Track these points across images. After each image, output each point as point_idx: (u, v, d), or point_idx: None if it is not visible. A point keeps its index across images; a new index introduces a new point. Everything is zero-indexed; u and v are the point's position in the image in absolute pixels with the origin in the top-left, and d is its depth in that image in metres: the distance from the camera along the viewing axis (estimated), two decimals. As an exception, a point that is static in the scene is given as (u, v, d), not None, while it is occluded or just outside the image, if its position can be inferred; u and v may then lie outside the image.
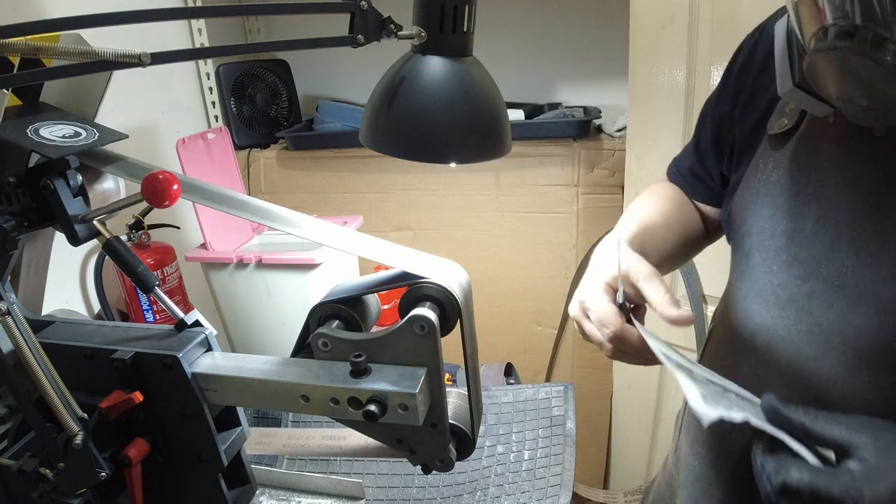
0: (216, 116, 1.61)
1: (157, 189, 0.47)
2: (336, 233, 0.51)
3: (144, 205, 0.49)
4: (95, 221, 0.54)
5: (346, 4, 0.47)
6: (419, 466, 0.54)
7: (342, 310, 0.50)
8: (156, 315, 1.19)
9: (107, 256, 0.93)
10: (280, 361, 0.51)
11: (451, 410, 0.52)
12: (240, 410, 0.56)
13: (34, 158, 0.53)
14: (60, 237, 0.56)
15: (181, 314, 0.53)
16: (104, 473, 0.50)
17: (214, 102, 1.60)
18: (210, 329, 0.54)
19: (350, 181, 1.61)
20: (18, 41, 0.40)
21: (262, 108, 1.70)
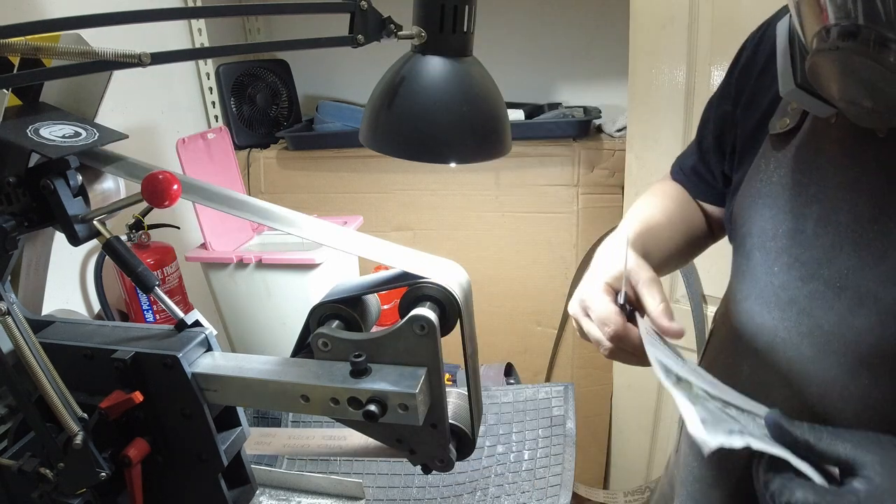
0: (216, 116, 1.61)
1: (157, 189, 0.47)
2: (336, 233, 0.51)
3: (144, 205, 0.49)
4: (95, 221, 0.54)
5: (346, 4, 0.47)
6: (419, 466, 0.54)
7: (342, 310, 0.50)
8: (156, 315, 1.19)
9: (107, 256, 0.93)
10: (280, 361, 0.51)
11: (451, 410, 0.52)
12: (240, 410, 0.56)
13: (34, 158, 0.53)
14: (60, 237, 0.56)
15: (181, 314, 0.53)
16: (104, 473, 0.50)
17: (214, 102, 1.60)
18: (210, 329, 0.54)
19: (350, 181, 1.61)
20: (18, 41, 0.39)
21: (262, 108, 1.70)
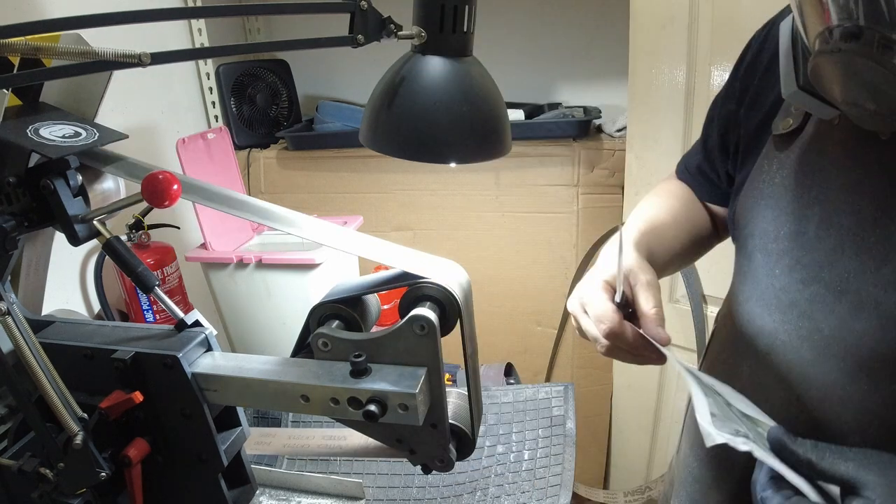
0: (216, 116, 1.61)
1: (157, 189, 0.47)
2: (336, 233, 0.51)
3: (144, 205, 0.49)
4: (95, 221, 0.54)
5: (346, 4, 0.47)
6: (419, 466, 0.54)
7: (342, 310, 0.50)
8: (156, 315, 1.19)
9: (107, 256, 0.93)
10: (280, 361, 0.50)
11: (451, 410, 0.52)
12: (240, 410, 0.56)
13: (34, 158, 0.53)
14: (60, 237, 0.56)
15: (181, 314, 0.53)
16: (104, 473, 0.50)
17: (214, 102, 1.60)
18: (210, 329, 0.54)
19: (350, 181, 1.61)
20: (18, 41, 0.39)
21: (262, 108, 1.70)
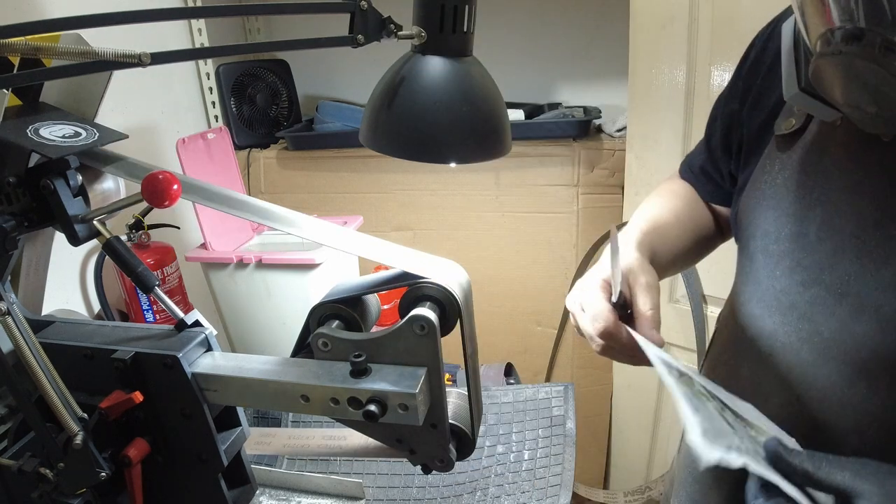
0: (216, 116, 1.61)
1: (157, 189, 0.47)
2: (336, 233, 0.51)
3: (144, 205, 0.49)
4: (95, 221, 0.54)
5: (346, 4, 0.47)
6: (419, 466, 0.54)
7: (342, 310, 0.50)
8: (156, 315, 1.19)
9: (107, 256, 0.93)
10: (280, 361, 0.51)
11: (451, 410, 0.52)
12: (240, 410, 0.56)
13: (34, 158, 0.53)
14: (60, 237, 0.56)
15: (181, 314, 0.53)
16: (104, 473, 0.50)
17: (214, 102, 1.60)
18: (210, 329, 0.54)
19: (350, 181, 1.61)
20: (18, 41, 0.39)
21: (262, 108, 1.70)
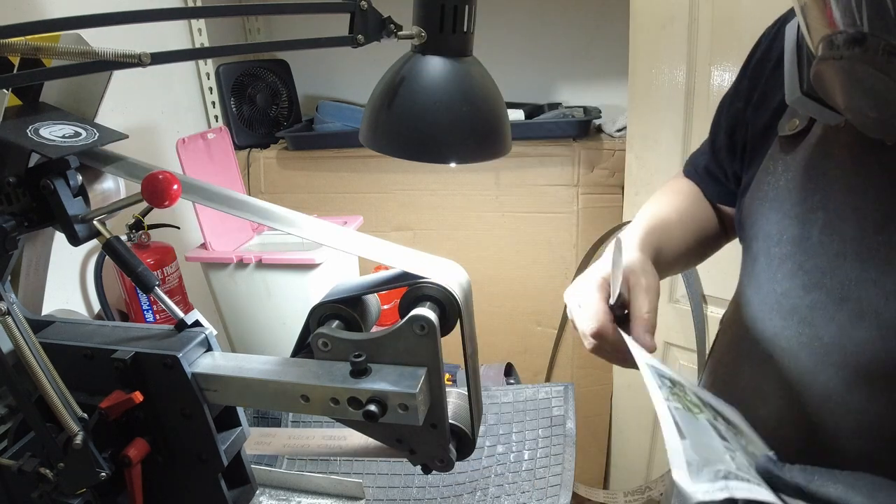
0: (216, 116, 1.61)
1: (157, 189, 0.47)
2: (336, 233, 0.51)
3: (144, 205, 0.49)
4: (95, 221, 0.54)
5: (346, 4, 0.47)
6: (419, 466, 0.54)
7: (342, 310, 0.50)
8: (156, 315, 1.19)
9: (107, 256, 0.93)
10: (280, 361, 0.50)
11: (451, 410, 0.52)
12: (240, 410, 0.56)
13: (34, 158, 0.53)
14: (60, 237, 0.56)
15: (181, 314, 0.53)
16: (104, 473, 0.50)
17: (214, 102, 1.60)
18: (210, 329, 0.54)
19: (350, 181, 1.61)
20: (18, 41, 0.39)
21: (262, 108, 1.70)
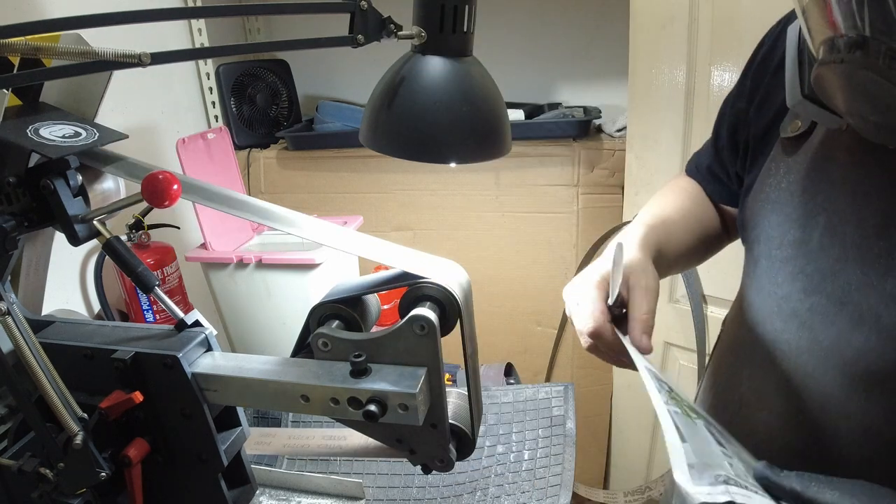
0: (216, 116, 1.61)
1: (157, 189, 0.47)
2: (336, 233, 0.51)
3: (144, 205, 0.49)
4: (95, 221, 0.54)
5: (346, 4, 0.47)
6: (419, 466, 0.54)
7: (342, 310, 0.50)
8: (156, 315, 1.19)
9: (107, 256, 0.93)
10: (280, 361, 0.50)
11: (451, 410, 0.52)
12: (240, 410, 0.56)
13: (34, 158, 0.53)
14: (60, 237, 0.56)
15: (181, 314, 0.53)
16: (104, 473, 0.50)
17: (214, 102, 1.60)
18: (210, 329, 0.54)
19: (350, 181, 1.61)
20: (18, 41, 0.39)
21: (262, 108, 1.70)
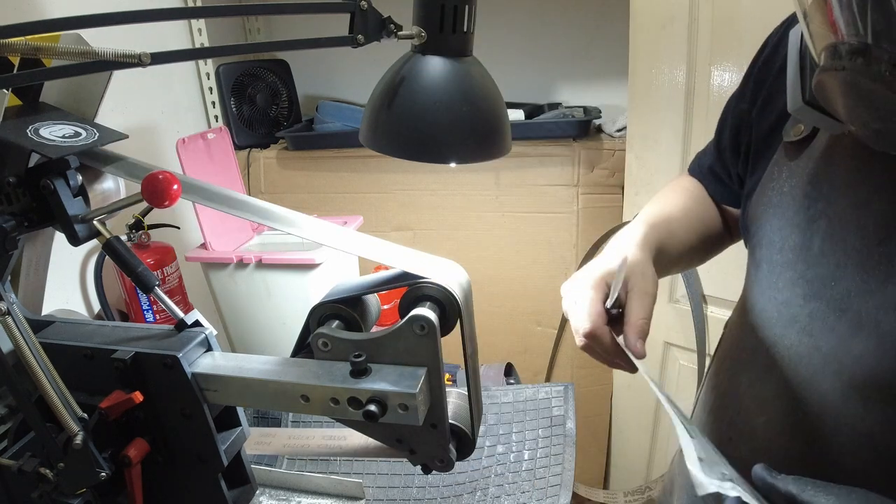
0: (216, 116, 1.61)
1: (157, 189, 0.47)
2: (336, 233, 0.51)
3: (144, 205, 0.49)
4: (95, 221, 0.54)
5: (346, 4, 0.47)
6: (419, 466, 0.54)
7: (342, 310, 0.50)
8: (156, 315, 1.19)
9: (107, 256, 0.93)
10: (280, 361, 0.50)
11: (451, 410, 0.52)
12: (240, 410, 0.56)
13: (34, 158, 0.53)
14: (60, 237, 0.56)
15: (181, 314, 0.53)
16: (104, 473, 0.50)
17: (214, 102, 1.60)
18: (210, 329, 0.54)
19: (350, 181, 1.61)
20: (18, 41, 0.39)
21: (262, 108, 1.70)
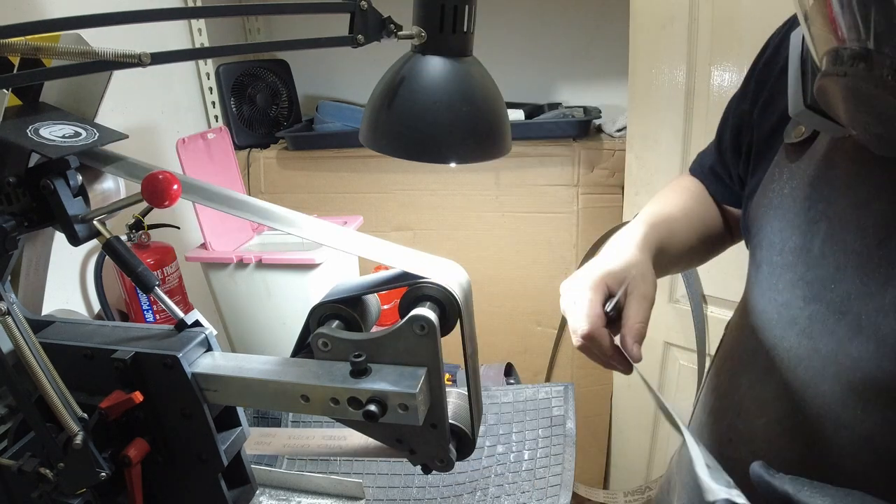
0: (216, 116, 1.61)
1: (157, 189, 0.47)
2: (336, 233, 0.51)
3: (144, 205, 0.49)
4: (95, 221, 0.54)
5: (346, 4, 0.47)
6: (419, 466, 0.54)
7: (342, 310, 0.50)
8: (156, 315, 1.19)
9: (107, 256, 0.93)
10: (280, 361, 0.50)
11: (451, 410, 0.52)
12: (240, 410, 0.56)
13: (34, 158, 0.53)
14: (60, 237, 0.56)
15: (181, 314, 0.53)
16: (104, 473, 0.50)
17: (214, 102, 1.60)
18: (210, 329, 0.54)
19: (350, 181, 1.61)
20: (18, 41, 0.39)
21: (262, 108, 1.70)
